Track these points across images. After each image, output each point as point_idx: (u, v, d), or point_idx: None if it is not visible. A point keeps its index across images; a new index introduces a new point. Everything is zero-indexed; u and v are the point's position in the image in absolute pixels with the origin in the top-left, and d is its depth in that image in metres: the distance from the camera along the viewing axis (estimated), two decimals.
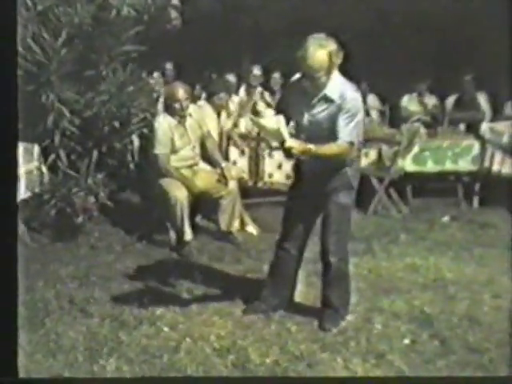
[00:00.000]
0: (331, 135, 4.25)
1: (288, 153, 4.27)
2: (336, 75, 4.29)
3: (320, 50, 4.15)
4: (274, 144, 6.22)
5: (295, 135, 4.35)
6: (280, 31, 10.08)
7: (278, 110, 4.56)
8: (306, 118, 4.37)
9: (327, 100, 4.28)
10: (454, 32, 9.81)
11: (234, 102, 7.92)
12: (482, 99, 8.95)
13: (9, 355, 3.27)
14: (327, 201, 4.46)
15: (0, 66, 3.24)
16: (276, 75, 8.92)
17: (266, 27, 10.69)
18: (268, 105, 8.16)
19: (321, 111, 4.32)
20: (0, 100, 3.26)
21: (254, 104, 8.16)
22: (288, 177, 6.97)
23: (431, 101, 9.26)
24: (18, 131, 3.48)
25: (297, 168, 4.67)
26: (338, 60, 4.23)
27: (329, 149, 4.25)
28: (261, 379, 3.95)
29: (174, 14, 7.61)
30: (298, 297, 4.89)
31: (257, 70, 8.77)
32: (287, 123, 4.31)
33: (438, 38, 10.03)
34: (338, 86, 4.27)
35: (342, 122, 4.22)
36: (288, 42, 4.38)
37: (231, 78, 8.63)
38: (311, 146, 4.18)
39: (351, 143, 4.28)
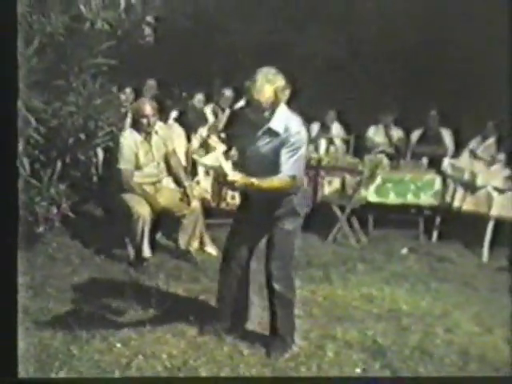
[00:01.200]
0: (274, 168, 4.27)
1: (232, 186, 4.33)
2: (282, 108, 4.33)
3: (267, 85, 4.18)
4: None
5: (239, 164, 4.41)
6: (253, 54, 10.12)
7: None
8: (250, 149, 4.41)
9: (271, 133, 4.31)
10: (423, 66, 9.93)
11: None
12: (446, 135, 9.07)
13: (9, 355, 3.24)
14: (272, 226, 4.47)
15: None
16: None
17: (239, 49, 10.74)
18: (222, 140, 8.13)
19: (265, 144, 4.34)
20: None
21: (208, 138, 8.14)
22: None
23: (397, 133, 9.35)
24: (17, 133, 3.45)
25: (244, 191, 4.67)
26: (284, 97, 4.27)
27: (270, 182, 4.27)
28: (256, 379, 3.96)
29: (147, 30, 7.58)
30: (253, 321, 4.89)
31: (228, 92, 8.77)
32: (230, 150, 4.38)
33: (408, 71, 10.14)
34: (283, 120, 4.29)
35: (284, 155, 4.25)
36: (260, 65, 4.40)
37: (200, 97, 8.62)
38: (253, 180, 4.20)
39: (293, 177, 4.30)
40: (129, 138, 6.25)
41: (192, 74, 9.86)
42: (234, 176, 4.21)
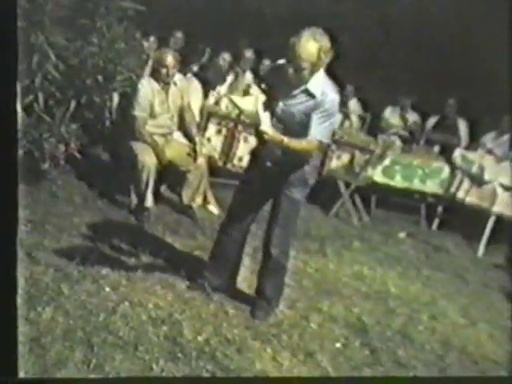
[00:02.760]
0: (300, 129, 4.25)
1: (260, 136, 4.30)
2: (321, 73, 4.28)
3: (311, 42, 4.12)
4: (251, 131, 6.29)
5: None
6: (280, 20, 10.09)
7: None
8: (281, 106, 4.35)
9: (308, 94, 4.27)
10: (449, 53, 9.88)
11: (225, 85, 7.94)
12: (462, 125, 9.05)
13: (9, 355, 3.28)
14: (279, 193, 4.48)
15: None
16: (267, 62, 8.89)
17: (267, 13, 10.71)
18: (264, 91, 8.14)
19: (297, 103, 4.30)
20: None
21: (248, 87, 8.16)
22: None
23: (412, 117, 9.34)
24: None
25: (254, 153, 4.70)
26: (326, 58, 4.20)
27: (299, 144, 4.26)
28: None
29: None
30: (241, 282, 4.96)
31: (249, 54, 8.75)
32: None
33: (433, 57, 10.09)
34: (320, 84, 4.25)
35: (316, 119, 4.21)
36: (286, 31, 4.38)
37: (226, 56, 8.58)
38: (284, 138, 4.20)
39: (321, 142, 4.30)
40: (146, 86, 6.25)
41: (219, 32, 9.83)
42: (266, 128, 4.19)
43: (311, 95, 4.26)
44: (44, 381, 3.68)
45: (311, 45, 4.13)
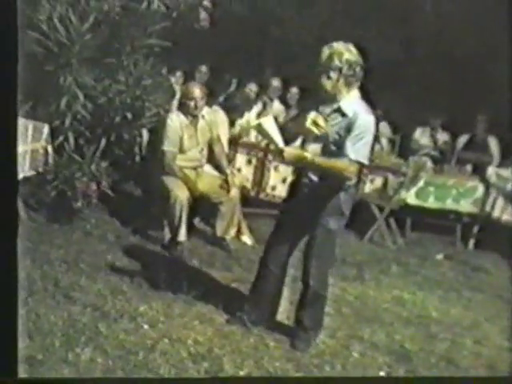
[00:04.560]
0: (337, 150, 4.26)
1: (281, 157, 4.31)
2: (355, 92, 4.32)
3: (347, 52, 4.25)
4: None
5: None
6: (305, 46, 10.08)
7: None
8: None
9: (340, 113, 4.28)
10: (476, 71, 9.82)
11: (251, 114, 7.91)
12: (493, 143, 8.92)
13: (9, 355, 3.27)
14: (316, 223, 4.43)
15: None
16: (294, 90, 8.87)
17: (294, 40, 10.71)
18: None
19: (332, 123, 4.29)
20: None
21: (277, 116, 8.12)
22: None
23: (443, 137, 9.24)
24: (17, 109, 3.47)
25: (294, 184, 4.68)
26: (340, 63, 4.23)
27: (330, 163, 4.26)
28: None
29: (203, 14, 7.62)
30: (280, 314, 4.89)
31: (276, 82, 8.74)
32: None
33: (459, 76, 10.03)
34: (353, 103, 4.28)
35: (351, 139, 4.20)
36: (311, 57, 4.39)
37: (253, 87, 8.57)
38: (307, 154, 4.21)
39: (357, 162, 4.26)
40: (175, 121, 6.27)
41: (244, 62, 9.85)
42: (282, 145, 4.25)
43: (344, 114, 4.26)
44: (44, 381, 3.67)
45: (347, 54, 4.25)
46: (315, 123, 4.24)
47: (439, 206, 7.87)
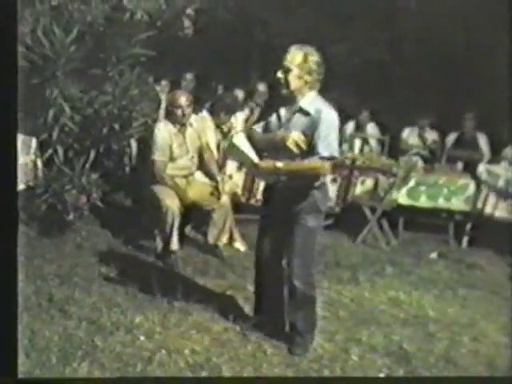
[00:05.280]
0: (308, 150, 4.26)
1: (256, 171, 4.37)
2: (313, 93, 4.36)
3: (298, 51, 4.29)
4: None
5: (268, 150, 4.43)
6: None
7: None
8: (281, 130, 4.38)
9: (302, 113, 4.31)
10: (462, 69, 9.82)
11: (238, 118, 7.87)
12: (482, 140, 8.93)
13: (9, 355, 3.25)
14: (294, 223, 4.41)
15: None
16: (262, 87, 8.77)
17: (277, 44, 10.69)
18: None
19: (295, 125, 4.32)
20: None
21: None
22: None
23: (431, 136, 9.24)
24: (17, 127, 3.47)
25: (268, 187, 4.64)
26: (314, 65, 4.28)
27: (301, 164, 4.28)
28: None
29: (187, 22, 7.61)
30: None
31: (262, 87, 8.71)
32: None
33: (446, 74, 10.03)
34: (313, 101, 4.32)
35: (319, 136, 4.23)
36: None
37: (239, 93, 8.54)
38: (278, 164, 4.23)
39: (329, 158, 4.27)
40: (163, 130, 6.23)
41: (230, 68, 9.84)
42: (257, 161, 4.30)
43: (306, 113, 4.29)
44: (44, 381, 3.64)
45: (297, 53, 4.29)
46: (296, 143, 4.24)
47: (431, 205, 7.85)
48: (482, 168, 8.03)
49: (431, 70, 10.12)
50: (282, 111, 4.43)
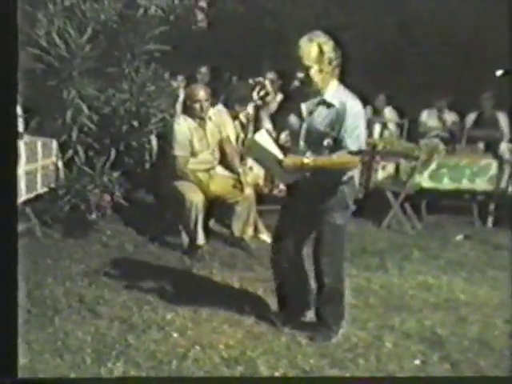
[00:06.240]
0: (331, 143, 4.16)
1: (280, 170, 4.24)
2: (335, 82, 4.20)
3: (310, 43, 4.07)
4: None
5: (292, 143, 4.33)
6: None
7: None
8: (304, 127, 4.24)
9: (327, 105, 4.17)
10: (477, 49, 9.74)
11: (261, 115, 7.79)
12: (502, 118, 8.87)
13: (9, 355, 3.24)
14: (321, 220, 4.32)
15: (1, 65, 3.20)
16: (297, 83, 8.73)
17: (288, 33, 10.64)
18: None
19: (319, 118, 4.19)
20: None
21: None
22: None
23: (450, 117, 9.20)
24: (17, 131, 3.46)
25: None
26: (331, 53, 4.10)
27: (329, 160, 4.18)
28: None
29: (200, 15, 7.58)
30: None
31: (271, 75, 8.61)
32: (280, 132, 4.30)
33: (461, 54, 9.96)
34: (336, 92, 4.17)
35: (346, 130, 4.10)
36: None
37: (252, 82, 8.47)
38: (306, 160, 4.12)
39: (358, 152, 4.17)
40: (183, 125, 6.22)
41: (242, 59, 9.80)
42: (282, 158, 4.17)
43: (330, 105, 4.16)
44: (44, 381, 3.63)
45: (310, 45, 4.07)
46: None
47: (454, 186, 7.79)
48: (503, 147, 7.99)
49: (445, 50, 10.05)
50: (303, 106, 4.26)
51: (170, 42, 6.90)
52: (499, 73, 8.58)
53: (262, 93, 5.48)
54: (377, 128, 8.83)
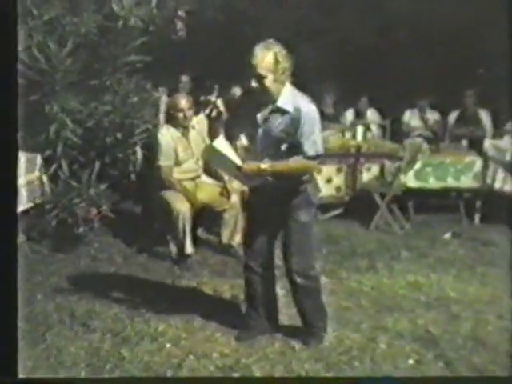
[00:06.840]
0: (289, 149, 4.17)
1: (240, 175, 4.24)
2: (288, 87, 4.19)
3: (266, 52, 4.06)
4: None
5: (250, 149, 4.31)
6: (284, 43, 10.02)
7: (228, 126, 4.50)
8: (260, 134, 4.24)
9: (281, 112, 4.16)
10: (457, 47, 9.77)
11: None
12: (484, 115, 8.93)
13: (9, 355, 3.23)
14: (287, 219, 4.32)
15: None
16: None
17: (269, 38, 10.64)
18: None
19: (274, 125, 4.17)
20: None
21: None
22: None
23: (433, 116, 9.24)
24: (17, 142, 3.44)
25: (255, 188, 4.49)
26: (286, 63, 4.10)
27: (287, 165, 4.18)
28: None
29: (179, 25, 7.57)
30: (285, 319, 4.79)
31: (254, 83, 8.56)
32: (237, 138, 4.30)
33: (441, 54, 9.98)
34: (290, 97, 4.16)
35: (302, 135, 4.11)
36: (291, 53, 4.30)
37: (237, 90, 8.47)
38: (263, 166, 4.13)
39: (315, 157, 4.18)
40: (166, 135, 6.21)
41: (224, 67, 9.78)
42: (240, 165, 4.16)
43: (284, 112, 4.16)
44: (44, 381, 3.62)
45: (266, 54, 4.06)
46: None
47: (440, 185, 7.82)
48: (487, 144, 8.01)
49: (426, 50, 10.07)
50: (258, 115, 4.24)
51: (151, 52, 6.89)
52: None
53: (214, 113, 5.50)
54: (360, 130, 8.83)
